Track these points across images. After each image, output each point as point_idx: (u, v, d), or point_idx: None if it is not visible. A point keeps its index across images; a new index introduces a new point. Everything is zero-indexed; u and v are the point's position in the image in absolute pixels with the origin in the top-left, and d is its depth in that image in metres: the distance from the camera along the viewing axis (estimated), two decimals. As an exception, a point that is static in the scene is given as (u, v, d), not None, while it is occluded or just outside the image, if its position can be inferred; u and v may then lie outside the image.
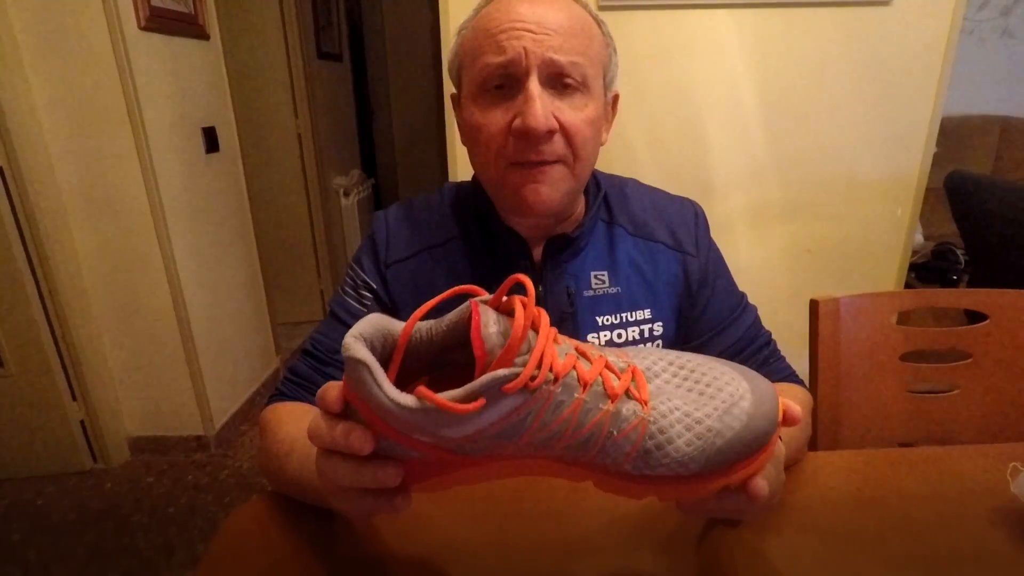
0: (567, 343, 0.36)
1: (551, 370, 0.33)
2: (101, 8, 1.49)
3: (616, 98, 0.65)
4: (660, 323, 0.68)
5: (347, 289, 0.68)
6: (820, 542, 0.48)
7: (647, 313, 0.67)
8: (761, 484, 0.37)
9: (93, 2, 1.49)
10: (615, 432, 0.34)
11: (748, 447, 0.35)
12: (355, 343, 0.33)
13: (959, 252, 2.11)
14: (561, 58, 0.54)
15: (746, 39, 1.29)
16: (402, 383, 0.35)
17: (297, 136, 2.64)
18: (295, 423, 0.57)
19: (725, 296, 0.70)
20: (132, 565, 1.47)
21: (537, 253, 0.66)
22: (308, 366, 0.65)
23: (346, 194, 2.95)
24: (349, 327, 0.68)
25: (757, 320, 0.72)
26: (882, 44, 1.29)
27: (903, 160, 1.38)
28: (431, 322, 0.37)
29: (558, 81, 0.56)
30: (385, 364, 0.35)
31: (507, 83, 0.56)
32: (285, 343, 2.51)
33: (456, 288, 0.37)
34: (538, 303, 0.65)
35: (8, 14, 1.47)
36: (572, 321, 0.66)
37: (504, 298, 0.36)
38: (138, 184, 1.64)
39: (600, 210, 0.69)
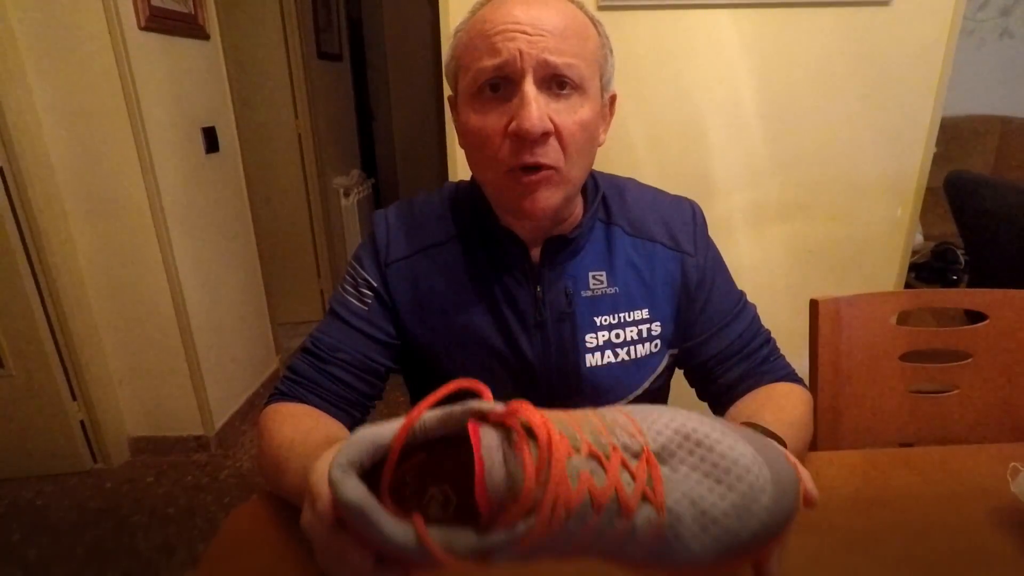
0: (579, 447, 0.32)
1: (564, 506, 0.30)
2: (101, 8, 1.49)
3: (613, 98, 0.65)
4: (658, 323, 0.68)
5: (347, 287, 0.68)
6: (820, 542, 0.48)
7: (645, 313, 0.67)
8: (772, 570, 0.37)
9: (93, 2, 1.49)
10: (628, 544, 0.33)
11: (764, 541, 0.34)
12: (344, 479, 0.31)
13: (959, 252, 2.11)
14: (556, 59, 0.54)
15: (746, 39, 1.29)
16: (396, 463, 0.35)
17: (297, 136, 2.64)
18: (293, 426, 0.57)
19: (723, 295, 0.70)
20: (132, 565, 1.47)
21: (535, 254, 0.66)
22: (308, 364, 0.65)
23: (346, 194, 2.95)
24: (350, 325, 0.68)
25: (756, 319, 0.72)
26: (882, 44, 1.29)
27: (903, 160, 1.38)
28: (422, 417, 0.35)
29: (554, 83, 0.56)
30: (379, 465, 0.34)
31: (503, 85, 0.56)
32: (285, 343, 2.51)
33: (449, 386, 0.34)
34: (537, 304, 0.66)
35: (8, 14, 1.47)
36: (570, 321, 0.66)
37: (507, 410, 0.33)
38: (138, 184, 1.64)
39: (598, 210, 0.69)
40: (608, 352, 0.67)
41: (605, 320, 0.66)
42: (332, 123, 2.94)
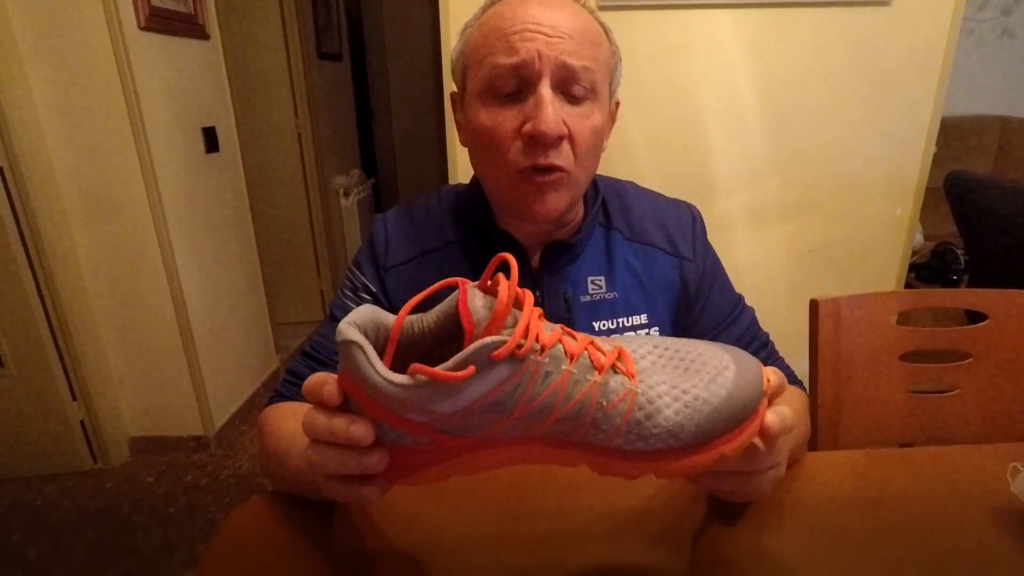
0: (552, 331, 0.37)
1: (537, 340, 0.34)
2: (101, 8, 1.49)
3: (617, 105, 0.65)
4: (657, 327, 0.68)
5: (347, 291, 0.68)
6: (820, 542, 0.48)
7: (644, 318, 0.67)
8: (771, 420, 0.38)
9: (93, 2, 1.49)
10: (604, 403, 0.35)
11: (736, 413, 0.36)
12: (349, 328, 0.33)
13: (959, 252, 2.10)
14: (574, 62, 0.54)
15: (746, 39, 1.29)
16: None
17: (297, 136, 2.64)
18: (295, 420, 0.57)
19: (722, 299, 0.70)
20: (132, 565, 1.47)
21: (535, 259, 0.66)
22: (307, 367, 0.65)
23: (346, 194, 2.95)
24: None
25: (754, 322, 0.72)
26: (882, 44, 1.29)
27: (903, 160, 1.38)
28: (420, 315, 0.38)
29: (568, 86, 0.55)
30: (379, 356, 0.36)
31: (518, 87, 0.55)
32: (285, 343, 2.51)
33: (446, 280, 0.38)
34: (536, 305, 0.66)
35: (8, 14, 1.47)
36: (569, 326, 0.66)
37: (489, 282, 0.36)
38: (138, 184, 1.64)
39: (598, 215, 0.69)
40: None
41: (604, 325, 0.66)
42: (332, 123, 2.94)
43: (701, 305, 0.69)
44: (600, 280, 0.67)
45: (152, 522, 1.61)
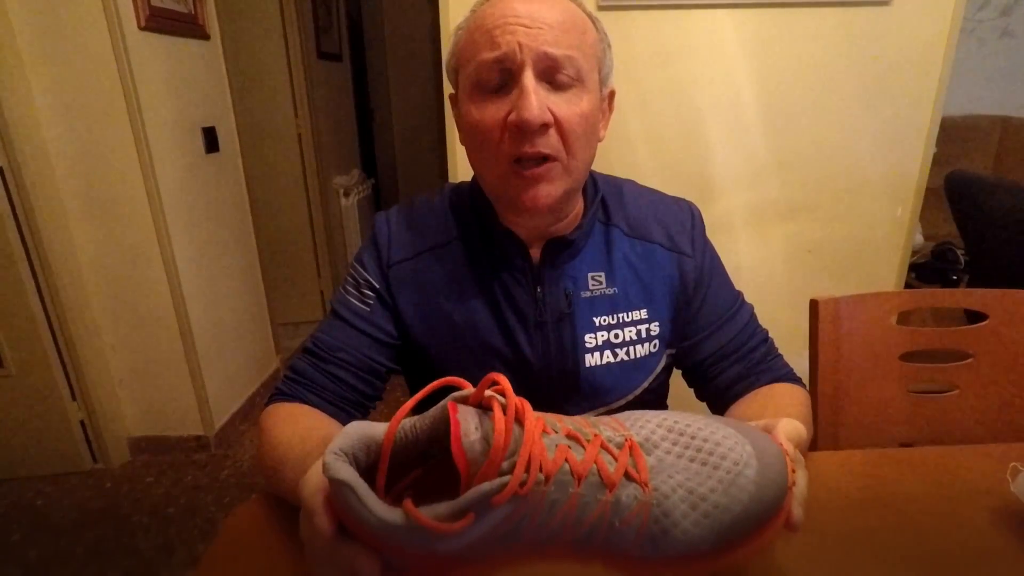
0: (557, 429, 0.34)
1: (541, 470, 0.31)
2: (101, 8, 1.49)
3: (612, 94, 0.65)
4: (656, 323, 0.68)
5: (349, 288, 0.68)
6: (820, 542, 0.48)
7: (643, 313, 0.68)
8: (797, 514, 0.37)
9: (93, 2, 1.49)
10: (617, 522, 0.32)
11: (759, 515, 0.34)
12: (335, 462, 0.31)
13: (959, 252, 2.10)
14: (555, 51, 0.55)
15: (746, 39, 1.29)
16: (393, 479, 0.34)
17: (297, 136, 2.64)
18: (292, 426, 0.57)
19: (720, 295, 0.71)
20: (132, 565, 1.47)
21: (535, 255, 0.66)
22: (309, 364, 0.65)
23: (346, 194, 2.95)
24: (351, 325, 0.68)
25: (753, 319, 0.72)
26: (882, 44, 1.28)
27: (903, 160, 1.38)
28: (414, 419, 0.36)
29: (553, 75, 0.56)
30: (372, 470, 0.34)
31: (503, 80, 0.56)
32: (285, 343, 2.51)
33: (436, 383, 0.36)
34: (537, 304, 0.66)
35: (8, 14, 1.47)
36: (569, 322, 0.66)
37: (487, 392, 0.34)
38: (138, 184, 1.64)
39: (597, 211, 0.69)
40: (607, 352, 0.67)
41: (604, 320, 0.67)
42: (332, 123, 2.94)
43: (700, 301, 0.69)
44: (600, 276, 0.67)
45: (152, 522, 1.61)
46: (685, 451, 0.35)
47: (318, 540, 0.34)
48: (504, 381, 0.33)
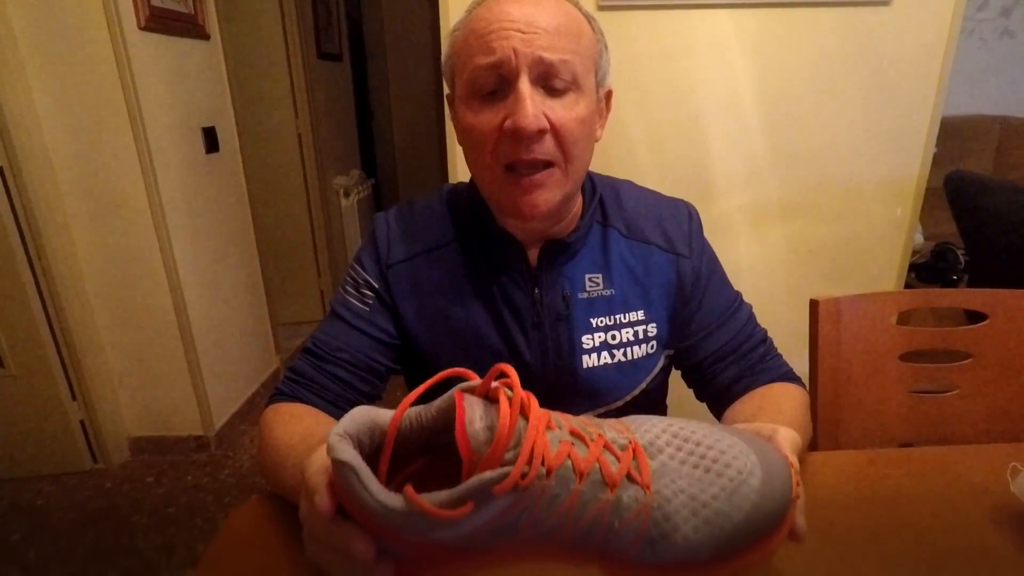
0: (561, 425, 0.34)
1: (543, 463, 0.31)
2: (101, 8, 1.49)
3: (610, 94, 0.65)
4: (654, 324, 0.68)
5: (348, 288, 0.68)
6: (820, 542, 0.48)
7: (641, 314, 0.68)
8: (801, 525, 0.37)
9: (93, 2, 1.49)
10: (616, 523, 0.32)
11: (760, 528, 0.33)
12: (340, 443, 0.31)
13: (959, 252, 2.10)
14: (551, 56, 0.54)
15: (746, 39, 1.29)
16: (396, 467, 0.34)
17: (297, 136, 2.64)
18: (292, 426, 0.57)
19: (718, 296, 0.71)
20: (132, 565, 1.47)
21: (533, 256, 0.66)
22: (309, 364, 0.65)
23: (346, 194, 2.95)
24: (351, 325, 0.69)
25: (751, 319, 0.72)
26: (882, 44, 1.28)
27: (903, 160, 1.38)
28: (419, 408, 0.36)
29: (548, 80, 0.56)
30: (375, 455, 0.34)
31: (499, 85, 0.56)
32: (285, 343, 2.51)
33: (444, 372, 0.36)
34: (535, 305, 0.66)
35: (8, 14, 1.47)
36: (567, 323, 0.66)
37: (493, 383, 0.34)
38: (138, 184, 1.64)
39: (595, 212, 0.69)
40: (605, 353, 0.67)
41: (601, 322, 0.67)
42: (332, 123, 2.94)
43: (697, 301, 0.69)
44: (598, 277, 0.67)
45: (152, 522, 1.61)
46: (689, 457, 0.35)
47: (316, 519, 0.34)
48: (512, 372, 0.33)
